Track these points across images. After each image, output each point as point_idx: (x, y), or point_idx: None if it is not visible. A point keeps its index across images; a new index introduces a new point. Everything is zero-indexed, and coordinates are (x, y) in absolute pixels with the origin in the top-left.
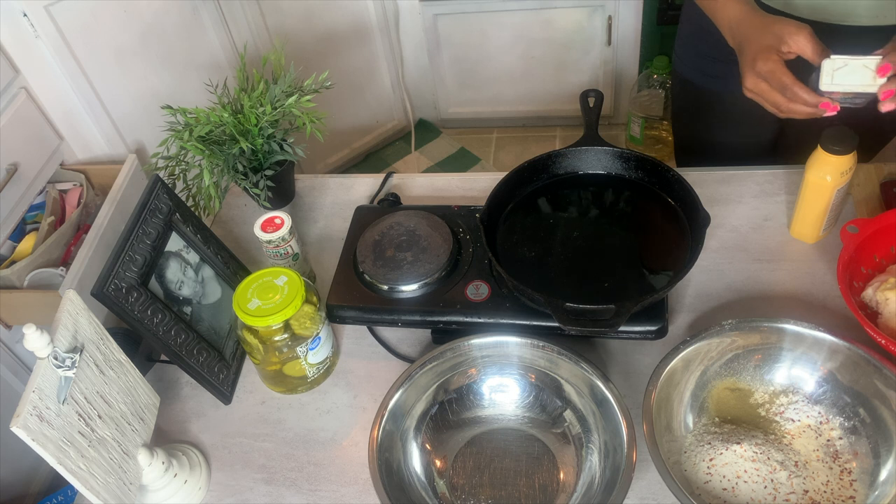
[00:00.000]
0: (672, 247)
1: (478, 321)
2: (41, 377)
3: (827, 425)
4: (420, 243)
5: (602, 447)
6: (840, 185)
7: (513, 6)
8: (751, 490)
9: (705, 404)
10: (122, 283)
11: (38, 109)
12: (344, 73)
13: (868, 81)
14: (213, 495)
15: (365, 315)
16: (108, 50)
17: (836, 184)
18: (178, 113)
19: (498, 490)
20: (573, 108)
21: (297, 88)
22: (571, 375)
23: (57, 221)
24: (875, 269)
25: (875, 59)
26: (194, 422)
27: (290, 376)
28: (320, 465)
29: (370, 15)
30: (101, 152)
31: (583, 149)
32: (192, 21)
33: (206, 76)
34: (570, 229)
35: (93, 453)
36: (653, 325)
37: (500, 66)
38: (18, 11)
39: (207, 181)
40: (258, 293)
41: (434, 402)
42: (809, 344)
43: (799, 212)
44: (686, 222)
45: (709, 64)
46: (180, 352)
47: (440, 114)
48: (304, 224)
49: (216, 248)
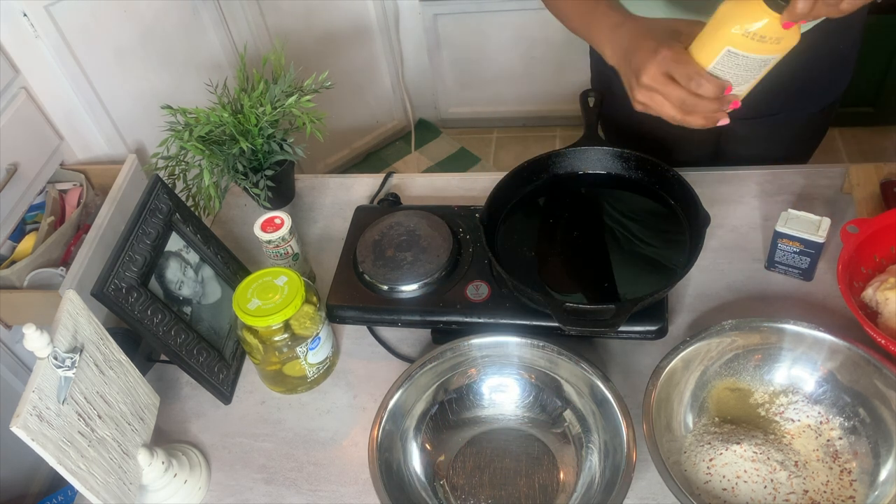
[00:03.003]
0: (672, 247)
1: (478, 321)
2: (41, 377)
3: (827, 425)
4: (420, 243)
5: (602, 447)
6: (748, 46)
7: (513, 6)
8: (751, 490)
9: (705, 404)
10: (122, 283)
11: (38, 109)
12: (344, 73)
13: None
14: (213, 495)
15: (365, 315)
16: (108, 50)
17: (743, 42)
18: (178, 113)
19: (498, 490)
20: (573, 108)
21: (297, 88)
22: (571, 375)
23: (57, 221)
24: (875, 269)
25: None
26: (194, 422)
27: (290, 376)
28: (320, 465)
29: (370, 15)
30: (101, 152)
31: (583, 149)
32: (192, 21)
33: (206, 76)
34: (570, 229)
35: (93, 453)
36: (653, 325)
37: (500, 66)
38: (18, 11)
39: (207, 181)
40: (258, 293)
41: (434, 402)
42: (809, 344)
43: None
44: (686, 222)
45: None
46: (180, 352)
47: (440, 114)
48: (304, 224)
49: (216, 248)
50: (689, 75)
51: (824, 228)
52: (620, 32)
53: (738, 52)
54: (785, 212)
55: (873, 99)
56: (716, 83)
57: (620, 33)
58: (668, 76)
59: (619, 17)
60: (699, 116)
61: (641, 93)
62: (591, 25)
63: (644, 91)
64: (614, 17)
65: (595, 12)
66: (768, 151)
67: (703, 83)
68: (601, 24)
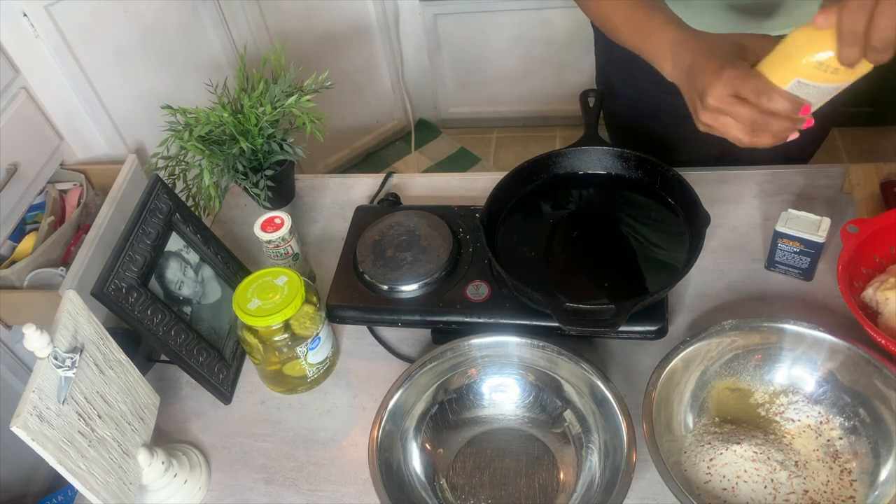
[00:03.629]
0: (672, 247)
1: (478, 321)
2: (41, 377)
3: (827, 425)
4: (420, 243)
5: (602, 447)
6: (817, 75)
7: (513, 6)
8: (751, 490)
9: (705, 404)
10: (122, 283)
11: (38, 109)
12: (344, 73)
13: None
14: (213, 495)
15: (365, 315)
16: (108, 50)
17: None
18: (178, 113)
19: (498, 490)
20: (573, 108)
21: (297, 88)
22: (571, 375)
23: (57, 221)
24: (875, 269)
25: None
26: (194, 422)
27: (290, 376)
28: (320, 465)
29: (370, 15)
30: (101, 152)
31: (583, 149)
32: (192, 21)
33: (206, 76)
34: (570, 229)
35: (93, 453)
36: (653, 325)
37: (499, 66)
38: (18, 11)
39: (207, 181)
40: (258, 293)
41: (434, 402)
42: (809, 344)
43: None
44: (686, 222)
45: (636, 93)
46: (180, 352)
47: (440, 114)
48: (304, 224)
49: (216, 248)
50: (759, 89)
51: (824, 228)
52: (682, 49)
53: (808, 83)
54: (785, 212)
55: (873, 99)
56: (789, 98)
57: (682, 50)
58: (736, 96)
59: (680, 32)
60: (769, 135)
61: (707, 115)
62: (646, 40)
63: (709, 113)
64: (673, 32)
65: (650, 25)
66: (777, 150)
67: (776, 97)
68: (659, 38)
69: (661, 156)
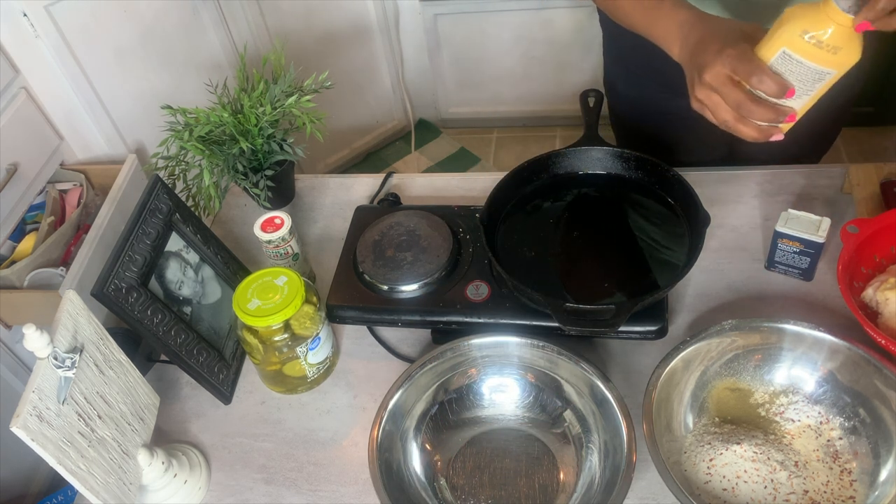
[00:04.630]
0: (672, 247)
1: (478, 321)
2: (41, 377)
3: (827, 425)
4: (420, 243)
5: (602, 447)
6: (810, 54)
7: (513, 6)
8: (751, 490)
9: (705, 404)
10: (122, 283)
11: (38, 109)
12: (344, 73)
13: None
14: (213, 495)
15: (365, 315)
16: (108, 50)
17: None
18: (178, 113)
19: (498, 490)
20: (573, 108)
21: (297, 88)
22: (571, 375)
23: (57, 221)
24: (875, 269)
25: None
26: (194, 422)
27: (289, 376)
28: (320, 465)
29: (370, 15)
30: (101, 152)
31: (583, 149)
32: (192, 21)
33: (206, 76)
34: (570, 229)
35: (93, 453)
36: (653, 325)
37: (500, 66)
38: (18, 11)
39: (207, 181)
40: (258, 293)
41: (434, 402)
42: (809, 344)
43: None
44: (686, 222)
45: (643, 86)
46: (180, 352)
47: (440, 114)
48: (304, 224)
49: (216, 248)
50: (751, 71)
51: (824, 228)
52: (690, 30)
53: (792, 55)
54: (785, 212)
55: (873, 99)
56: (777, 81)
57: (690, 31)
58: (731, 78)
59: (689, 15)
60: (753, 127)
61: (701, 90)
62: (655, 24)
63: (704, 89)
64: (683, 14)
65: (660, 9)
66: (784, 152)
67: (765, 79)
68: (669, 21)
69: (667, 157)
